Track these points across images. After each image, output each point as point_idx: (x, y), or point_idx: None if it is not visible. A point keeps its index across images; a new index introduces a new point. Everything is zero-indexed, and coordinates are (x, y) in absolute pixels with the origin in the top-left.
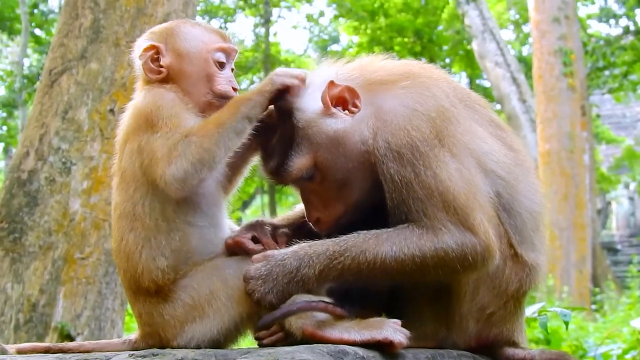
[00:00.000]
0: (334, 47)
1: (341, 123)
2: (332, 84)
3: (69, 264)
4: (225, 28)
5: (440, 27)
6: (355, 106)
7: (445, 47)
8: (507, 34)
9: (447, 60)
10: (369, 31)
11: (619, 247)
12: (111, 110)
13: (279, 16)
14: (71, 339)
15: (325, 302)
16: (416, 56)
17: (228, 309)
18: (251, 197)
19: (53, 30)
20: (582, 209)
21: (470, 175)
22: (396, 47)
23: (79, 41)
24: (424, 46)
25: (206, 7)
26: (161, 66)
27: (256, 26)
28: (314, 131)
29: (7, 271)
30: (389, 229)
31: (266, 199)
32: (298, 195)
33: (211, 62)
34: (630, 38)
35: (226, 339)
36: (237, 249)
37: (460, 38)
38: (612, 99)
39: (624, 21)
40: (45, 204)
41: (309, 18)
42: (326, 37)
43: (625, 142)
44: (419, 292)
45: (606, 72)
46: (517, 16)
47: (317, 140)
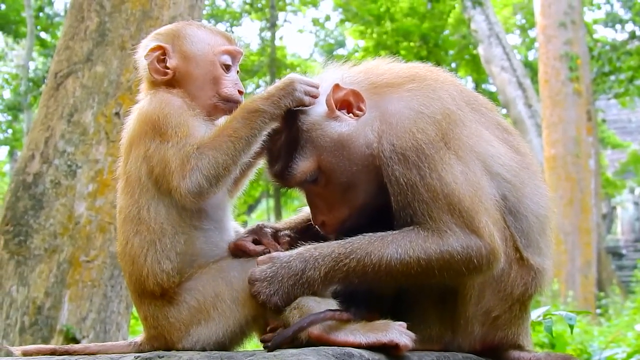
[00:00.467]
0: (340, 52)
1: (346, 126)
2: (337, 87)
3: (75, 267)
4: (231, 32)
5: (446, 32)
6: (360, 109)
7: (451, 52)
8: (513, 38)
9: (453, 65)
10: (375, 35)
11: (624, 251)
12: (117, 114)
13: (285, 20)
14: (76, 342)
15: (332, 310)
16: (422, 61)
17: (233, 311)
18: (257, 201)
19: (58, 33)
20: (588, 214)
21: (475, 178)
22: (402, 52)
23: (84, 44)
24: (430, 51)
25: (212, 10)
26: (167, 67)
27: (262, 30)
28: (318, 134)
29: (13, 274)
30: (394, 232)
31: (272, 202)
32: (303, 198)
33: (217, 65)
34: (636, 43)
35: (231, 341)
36: (238, 252)
37: (467, 43)
38: (618, 104)
39: (630, 26)
40: (50, 207)
41: (315, 22)
42: (332, 42)
43: (631, 147)
44: (424, 295)
45: (612, 77)
46: (524, 21)
47: (322, 144)
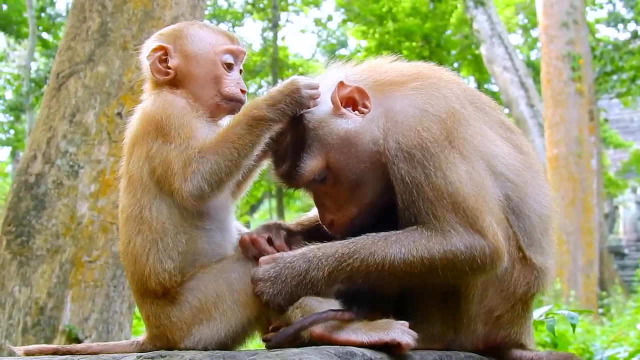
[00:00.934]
0: (342, 52)
1: (352, 123)
2: (341, 84)
3: (77, 267)
4: (233, 32)
5: (448, 32)
6: (365, 107)
7: (453, 52)
8: (516, 38)
9: (456, 65)
10: (377, 35)
11: (626, 251)
12: (119, 114)
13: (287, 20)
14: (79, 342)
15: (334, 310)
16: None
17: (234, 312)
18: (259, 201)
19: (60, 33)
20: (590, 214)
21: (479, 177)
22: (404, 52)
23: (86, 44)
24: (432, 51)
25: (214, 11)
26: (169, 67)
27: (264, 30)
28: (325, 132)
29: (15, 274)
30: (398, 231)
31: (274, 203)
32: (308, 199)
33: (219, 64)
34: (638, 43)
35: (234, 341)
36: (251, 246)
37: (469, 42)
38: (620, 103)
39: (632, 26)
40: (52, 207)
41: (317, 22)
42: (334, 42)
43: (633, 147)
44: (427, 294)
45: (614, 77)
46: (526, 21)
47: (328, 141)
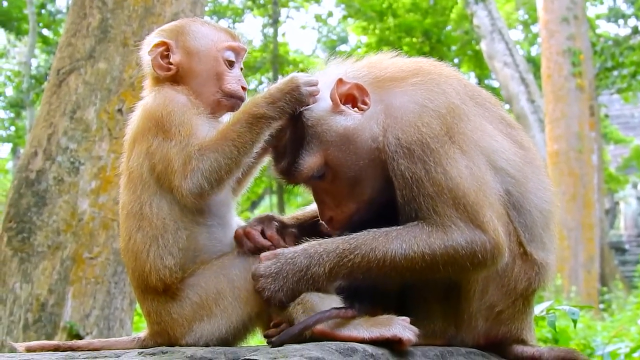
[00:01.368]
0: (343, 48)
1: (351, 120)
2: (340, 81)
3: (78, 263)
4: (234, 28)
5: (448, 27)
6: (365, 103)
7: (453, 48)
8: (516, 34)
9: (456, 61)
10: (377, 31)
11: (627, 246)
12: (119, 110)
13: (287, 16)
14: (80, 339)
15: (337, 308)
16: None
17: (235, 308)
18: (260, 198)
19: (61, 30)
20: (590, 209)
21: (480, 172)
22: (405, 48)
23: (86, 41)
24: (433, 46)
25: (214, 7)
26: (170, 63)
27: (265, 26)
28: (324, 129)
29: (16, 271)
30: (398, 227)
31: (275, 199)
32: (308, 195)
33: (221, 61)
34: (638, 38)
35: (235, 337)
36: (245, 240)
37: (469, 38)
38: (621, 99)
39: (632, 21)
40: (53, 204)
41: (317, 18)
42: (335, 38)
43: (634, 142)
44: (428, 290)
45: (615, 72)
46: (526, 16)
47: (327, 138)
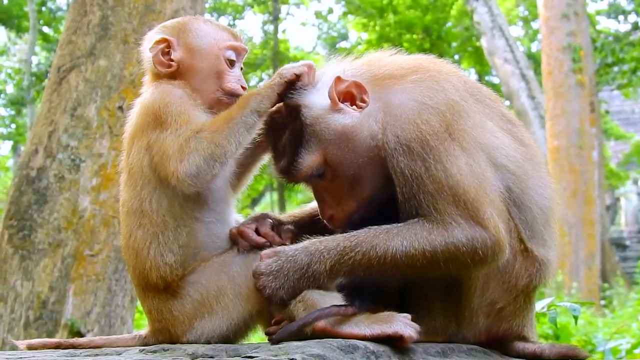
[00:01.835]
0: (343, 44)
1: (349, 118)
2: (338, 79)
3: (79, 261)
4: (234, 25)
5: (449, 24)
6: (363, 101)
7: (454, 44)
8: (516, 30)
9: (456, 57)
10: (377, 28)
11: (627, 243)
12: (120, 107)
13: (287, 13)
14: (81, 336)
15: (337, 306)
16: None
17: (236, 306)
18: (260, 195)
19: (61, 27)
20: (591, 205)
21: (480, 169)
22: (405, 44)
23: (87, 38)
24: (433, 43)
25: (215, 4)
26: (171, 60)
27: (265, 23)
28: (322, 127)
29: (17, 268)
30: (399, 224)
31: (275, 196)
32: (308, 192)
33: (222, 60)
34: (639, 34)
35: (236, 335)
36: (239, 239)
37: (469, 35)
38: (621, 95)
39: (632, 17)
40: (54, 201)
41: (317, 15)
42: (335, 34)
43: (634, 138)
44: (429, 287)
45: (615, 69)
46: (526, 12)
47: (326, 137)
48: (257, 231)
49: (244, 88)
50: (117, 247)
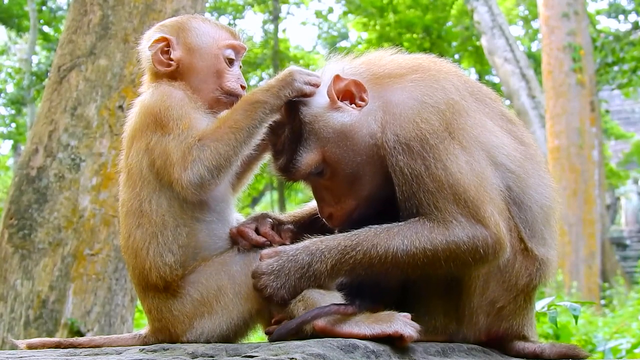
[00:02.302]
0: (343, 44)
1: (348, 117)
2: (338, 77)
3: (79, 260)
4: (234, 24)
5: (449, 23)
6: (363, 100)
7: (454, 43)
8: (516, 30)
9: (456, 56)
10: (377, 27)
11: (628, 242)
12: (120, 107)
13: (287, 13)
14: (81, 335)
15: (337, 305)
16: (425, 52)
17: (236, 305)
18: (260, 194)
19: (61, 27)
20: (591, 205)
21: (480, 168)
22: (405, 44)
23: (87, 37)
24: (433, 42)
25: (215, 3)
26: (171, 59)
27: (265, 23)
28: (321, 126)
29: (17, 268)
30: (399, 223)
31: (275, 195)
32: (308, 191)
33: (221, 59)
34: (639, 33)
35: (236, 334)
36: (239, 238)
37: (470, 34)
38: (621, 94)
39: (633, 17)
40: (54, 201)
41: (317, 14)
42: (335, 34)
43: (635, 138)
44: (429, 287)
45: (615, 68)
46: (526, 12)
47: (325, 135)
48: (257, 231)
49: (243, 87)
50: (117, 247)
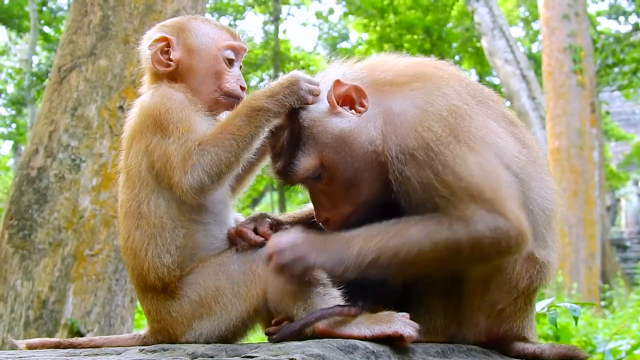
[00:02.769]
0: (344, 45)
1: (347, 122)
2: (338, 82)
3: (79, 261)
4: (235, 25)
5: (449, 25)
6: (363, 105)
7: (454, 45)
8: (517, 31)
9: (457, 58)
10: (378, 28)
11: (628, 243)
12: (120, 107)
13: (288, 13)
14: (81, 336)
15: (340, 306)
16: (425, 54)
17: (235, 305)
18: (261, 195)
19: (62, 27)
20: (592, 206)
21: (492, 166)
22: (406, 45)
23: (88, 38)
24: (434, 43)
25: (215, 4)
26: (170, 59)
27: (265, 23)
28: (320, 130)
29: (17, 268)
30: (418, 217)
31: (276, 196)
32: (307, 194)
33: (221, 60)
34: (639, 35)
35: (235, 335)
36: (238, 239)
37: (470, 35)
38: (622, 96)
39: (633, 18)
40: (54, 201)
41: (318, 15)
42: (335, 35)
43: (635, 139)
44: (429, 287)
45: (616, 69)
46: (527, 13)
47: (323, 140)
48: (255, 231)
49: (243, 88)
50: (117, 247)
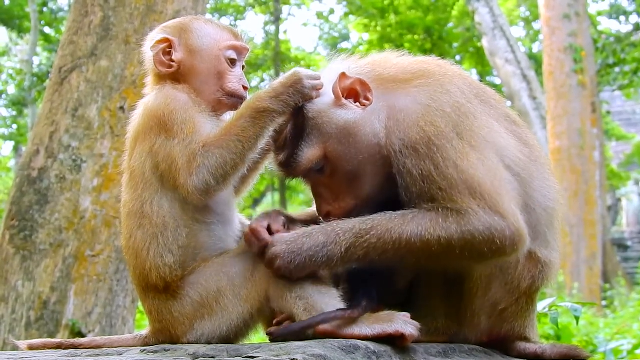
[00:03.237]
0: (344, 45)
1: (352, 114)
2: (343, 75)
3: (80, 261)
4: (236, 26)
5: (450, 25)
6: (367, 99)
7: (455, 45)
8: (518, 31)
9: (458, 58)
10: (379, 29)
11: (629, 243)
12: (121, 108)
13: (289, 14)
14: (82, 336)
15: (343, 310)
16: (426, 54)
17: (236, 306)
18: (262, 195)
19: (62, 28)
20: (593, 206)
21: (493, 165)
22: (406, 45)
23: (88, 39)
24: (434, 43)
25: (216, 4)
26: (172, 60)
27: (266, 24)
28: (324, 122)
29: (18, 269)
30: (414, 210)
31: (277, 197)
32: (309, 190)
33: (223, 60)
34: None
35: (236, 335)
36: (254, 239)
37: (471, 35)
38: (623, 95)
39: (634, 18)
40: (55, 202)
41: (319, 15)
42: (336, 35)
43: (636, 139)
44: (431, 287)
45: (616, 69)
46: (528, 13)
47: (327, 131)
48: (269, 229)
49: (245, 88)
50: (118, 248)
